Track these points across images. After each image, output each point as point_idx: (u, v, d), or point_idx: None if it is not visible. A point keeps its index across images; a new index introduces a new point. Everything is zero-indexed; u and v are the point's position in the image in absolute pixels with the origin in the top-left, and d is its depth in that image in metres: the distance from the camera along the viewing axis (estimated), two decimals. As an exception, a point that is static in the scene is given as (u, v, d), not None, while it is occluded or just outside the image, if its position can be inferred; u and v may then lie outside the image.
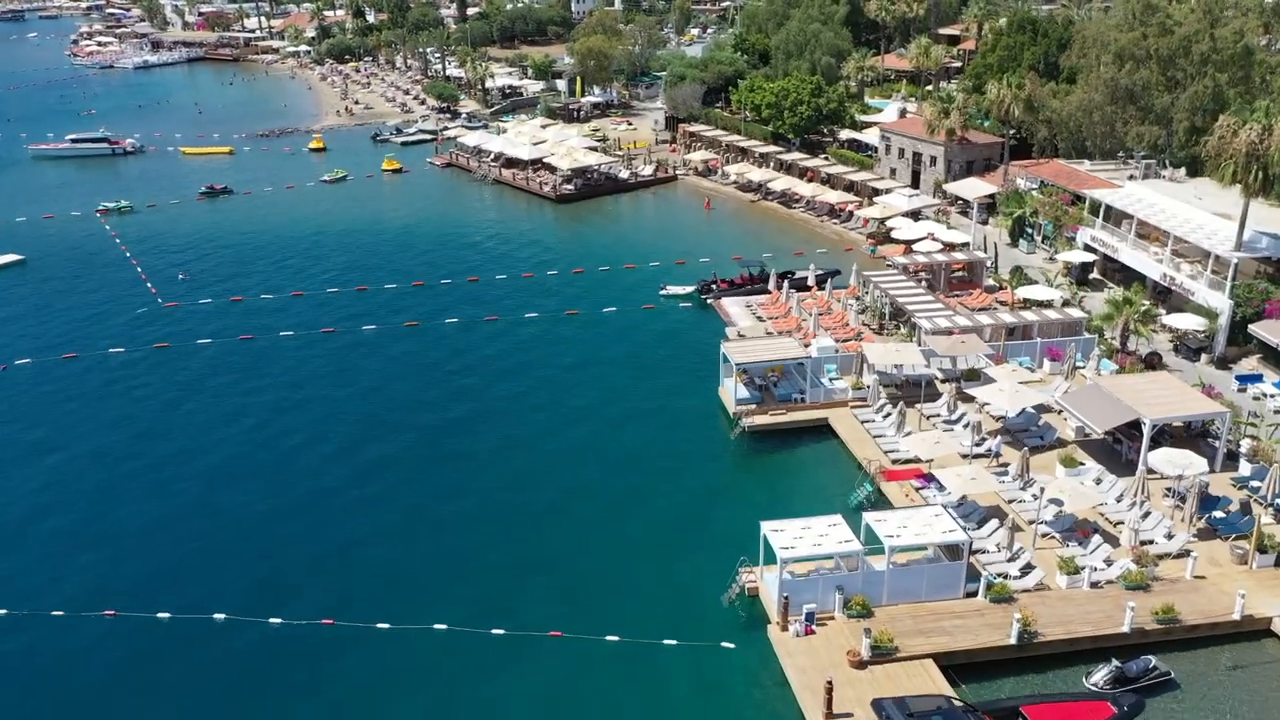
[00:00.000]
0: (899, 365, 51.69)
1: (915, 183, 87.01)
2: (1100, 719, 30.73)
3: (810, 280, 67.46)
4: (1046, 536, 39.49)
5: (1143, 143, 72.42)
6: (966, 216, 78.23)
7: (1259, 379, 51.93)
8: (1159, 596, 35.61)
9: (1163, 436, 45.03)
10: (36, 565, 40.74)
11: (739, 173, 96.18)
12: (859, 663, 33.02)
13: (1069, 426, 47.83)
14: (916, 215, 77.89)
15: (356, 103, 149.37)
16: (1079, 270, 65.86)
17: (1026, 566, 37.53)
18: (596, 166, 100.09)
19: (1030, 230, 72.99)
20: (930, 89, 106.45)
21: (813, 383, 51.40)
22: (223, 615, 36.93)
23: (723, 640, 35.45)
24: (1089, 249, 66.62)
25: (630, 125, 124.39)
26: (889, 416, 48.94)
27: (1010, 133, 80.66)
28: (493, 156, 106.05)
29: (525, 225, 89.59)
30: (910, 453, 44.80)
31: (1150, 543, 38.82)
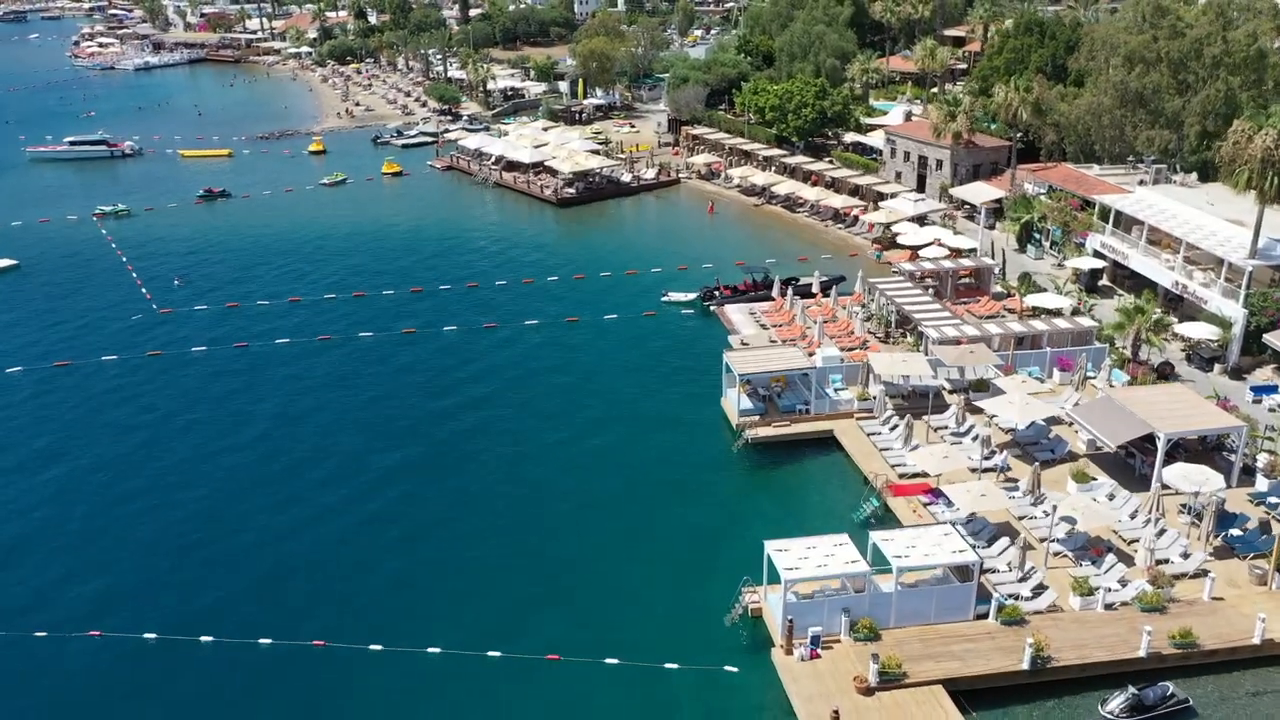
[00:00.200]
0: (905, 376, 50.59)
1: (921, 187, 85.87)
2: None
3: (815, 287, 66.31)
4: (1059, 555, 38.38)
5: (1153, 147, 71.30)
6: (973, 221, 77.09)
7: (1274, 389, 50.69)
8: (1176, 619, 34.45)
9: (1177, 450, 43.95)
10: (20, 582, 39.63)
11: (742, 176, 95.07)
12: (866, 689, 31.91)
13: (1080, 439, 46.69)
14: (922, 220, 76.75)
15: (357, 104, 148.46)
16: (1088, 277, 64.73)
17: (1039, 587, 36.41)
18: (598, 170, 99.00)
19: (1038, 236, 71.85)
20: (936, 91, 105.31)
21: (817, 393, 50.30)
22: (210, 638, 35.82)
23: (726, 664, 34.32)
24: (1098, 255, 65.48)
25: (633, 128, 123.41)
26: (895, 429, 47.84)
27: (1018, 136, 79.48)
28: (493, 159, 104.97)
29: (526, 230, 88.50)
30: (917, 467, 43.69)
31: (1166, 562, 37.69)
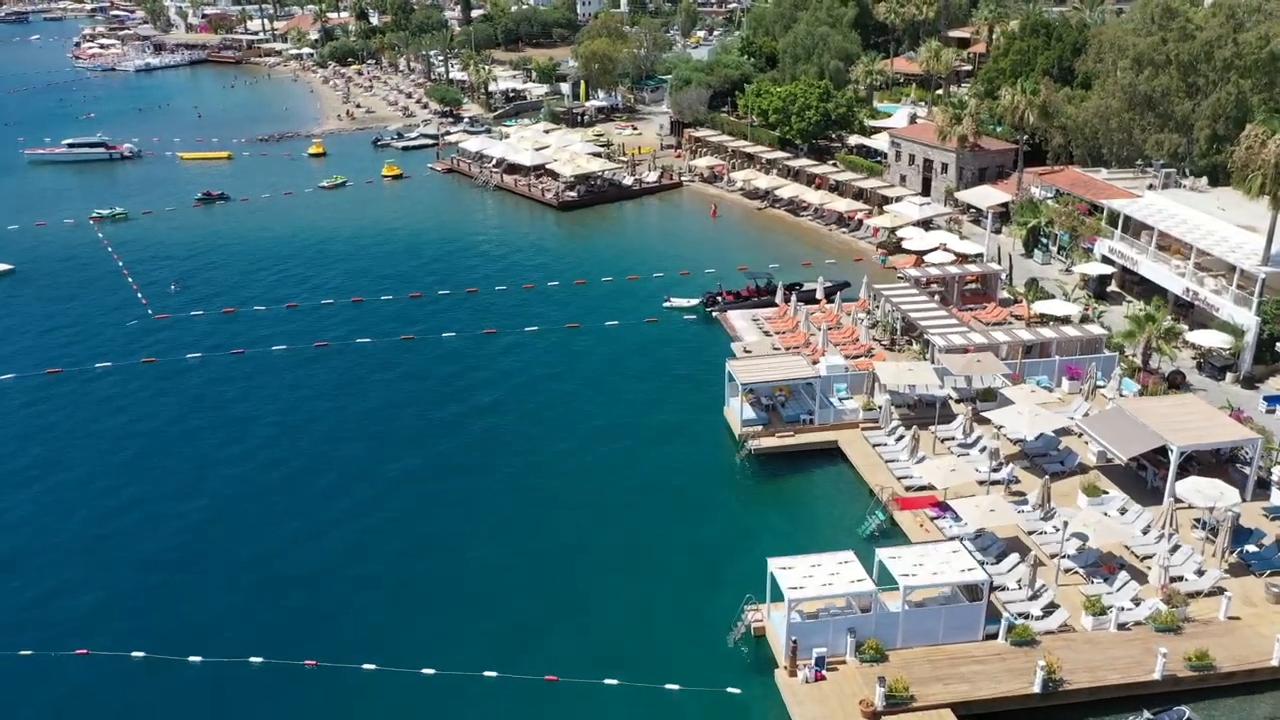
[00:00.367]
0: (912, 385, 49.60)
1: (926, 190, 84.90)
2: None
3: (819, 293, 65.34)
4: (1069, 572, 37.39)
5: (1162, 151, 70.28)
6: (979, 225, 76.15)
7: (1288, 399, 49.77)
8: (1191, 640, 33.47)
9: (1189, 463, 42.99)
10: (6, 597, 38.74)
11: (745, 179, 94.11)
12: (872, 713, 30.95)
13: (1090, 451, 45.71)
14: (928, 224, 75.76)
15: (358, 106, 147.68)
16: (1096, 283, 63.73)
17: (1049, 606, 35.44)
18: (600, 173, 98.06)
19: (1045, 241, 70.83)
20: (940, 93, 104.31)
21: (822, 403, 49.39)
22: (198, 658, 34.91)
23: (728, 685, 33.38)
24: (1107, 261, 64.47)
25: (635, 130, 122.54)
26: (902, 440, 46.88)
27: (1024, 139, 78.47)
28: (494, 162, 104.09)
29: (526, 234, 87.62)
30: (924, 479, 42.72)
31: (1180, 579, 36.72)
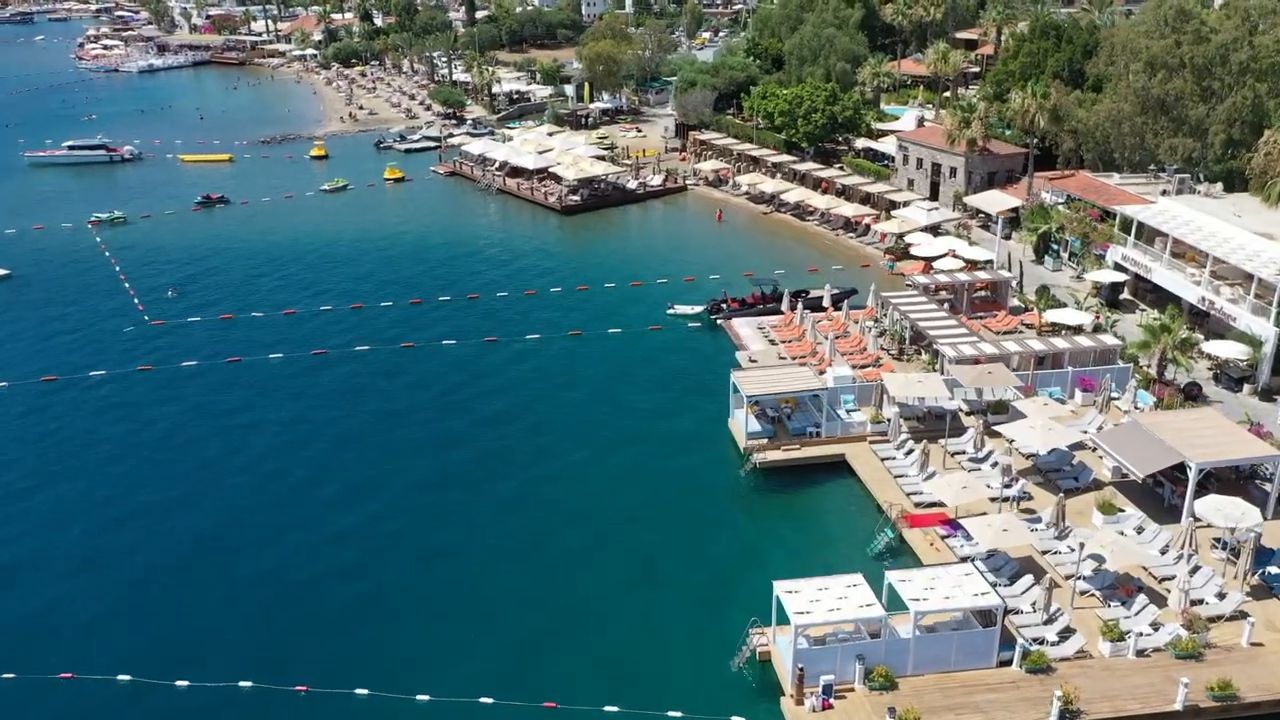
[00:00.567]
0: (921, 397, 48.40)
1: (934, 194, 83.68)
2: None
3: (825, 300, 64.16)
4: (1085, 594, 36.20)
5: (1176, 155, 68.99)
6: (988, 231, 74.88)
7: (1308, 413, 48.50)
8: (1213, 668, 32.27)
9: (1208, 480, 41.75)
10: (-7, 618, 37.88)
11: (751, 183, 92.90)
12: (883, 745, 29.88)
13: (1105, 466, 44.48)
14: (936, 230, 74.49)
15: (361, 108, 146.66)
16: (1109, 291, 62.46)
17: (1065, 630, 34.25)
18: (604, 176, 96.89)
19: (1056, 247, 69.58)
20: (948, 95, 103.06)
21: (829, 415, 48.21)
22: (186, 682, 33.81)
23: (733, 714, 32.23)
24: (1119, 268, 63.19)
25: (639, 132, 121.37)
26: (911, 454, 45.69)
27: (1034, 143, 77.18)
28: (497, 165, 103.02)
29: (529, 238, 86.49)
30: (934, 496, 41.49)
31: (1200, 602, 35.51)
